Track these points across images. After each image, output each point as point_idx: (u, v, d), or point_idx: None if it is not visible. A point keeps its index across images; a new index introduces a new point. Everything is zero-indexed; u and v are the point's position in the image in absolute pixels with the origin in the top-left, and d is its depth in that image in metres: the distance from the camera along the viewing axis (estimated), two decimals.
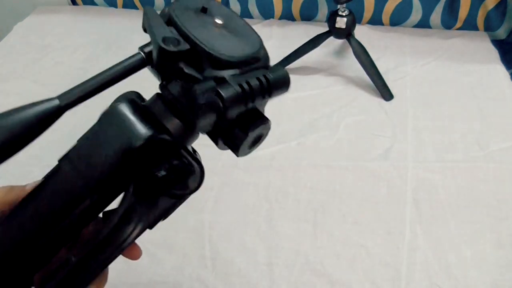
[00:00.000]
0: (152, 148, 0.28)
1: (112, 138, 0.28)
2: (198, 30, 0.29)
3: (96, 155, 0.28)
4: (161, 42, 0.27)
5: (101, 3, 1.27)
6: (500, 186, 0.71)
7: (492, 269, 0.61)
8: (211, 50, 0.28)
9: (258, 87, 0.28)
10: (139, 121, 0.28)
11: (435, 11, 1.04)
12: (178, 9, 0.30)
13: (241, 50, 0.29)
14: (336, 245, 0.65)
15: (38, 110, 0.26)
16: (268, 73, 0.29)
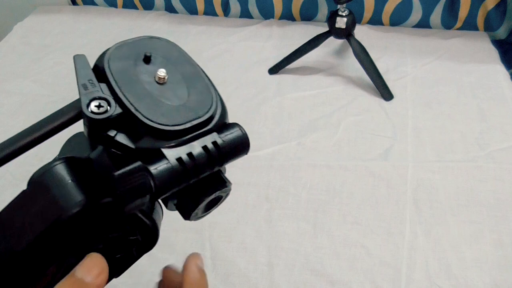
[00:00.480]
0: (91, 215, 0.23)
1: (43, 206, 0.23)
2: (134, 89, 0.24)
3: (25, 223, 0.23)
4: (85, 107, 0.23)
5: (101, 3, 1.27)
6: (500, 186, 0.71)
7: (492, 269, 0.61)
8: (145, 119, 0.24)
9: (203, 158, 0.24)
10: (73, 186, 0.23)
11: (435, 11, 1.04)
12: (114, 60, 0.26)
13: (187, 114, 0.25)
14: (336, 245, 0.65)
15: None
16: (219, 137, 0.25)
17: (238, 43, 1.08)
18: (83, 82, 0.24)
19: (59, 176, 0.24)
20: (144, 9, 1.25)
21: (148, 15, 1.21)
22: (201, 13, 1.21)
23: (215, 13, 1.20)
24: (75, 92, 0.89)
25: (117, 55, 0.26)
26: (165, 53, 0.28)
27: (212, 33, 1.12)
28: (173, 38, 0.30)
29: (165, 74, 0.26)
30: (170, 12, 1.23)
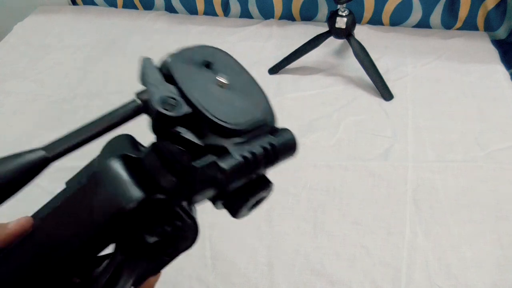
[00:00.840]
0: (144, 210, 0.25)
1: (102, 200, 0.25)
2: (200, 91, 0.26)
3: (82, 215, 0.25)
4: (157, 105, 0.25)
5: (101, 3, 1.27)
6: (500, 186, 0.71)
7: (492, 269, 0.61)
8: (214, 117, 0.26)
9: (262, 156, 0.27)
10: (131, 182, 0.25)
11: (435, 11, 1.04)
12: (179, 64, 0.28)
13: (246, 116, 0.27)
14: (336, 245, 0.65)
15: (23, 161, 0.25)
16: (274, 139, 0.28)
17: (238, 43, 1.08)
18: (153, 82, 0.26)
19: (117, 172, 0.25)
20: (144, 9, 1.25)
21: (148, 15, 1.21)
22: (201, 13, 1.21)
23: (215, 13, 1.20)
24: (75, 92, 0.89)
25: (180, 60, 0.28)
26: (222, 60, 0.30)
27: (212, 33, 1.12)
28: (173, 38, 0.30)
29: (226, 80, 0.28)
30: (170, 12, 1.23)
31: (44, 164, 0.25)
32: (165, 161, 0.26)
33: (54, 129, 0.89)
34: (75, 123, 0.29)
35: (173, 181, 0.26)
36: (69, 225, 0.26)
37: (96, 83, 1.01)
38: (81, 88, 1.00)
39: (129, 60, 1.06)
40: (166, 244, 0.27)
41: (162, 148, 0.26)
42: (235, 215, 0.28)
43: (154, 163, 0.26)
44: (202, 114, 0.25)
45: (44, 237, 0.27)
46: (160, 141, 0.27)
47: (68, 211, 0.26)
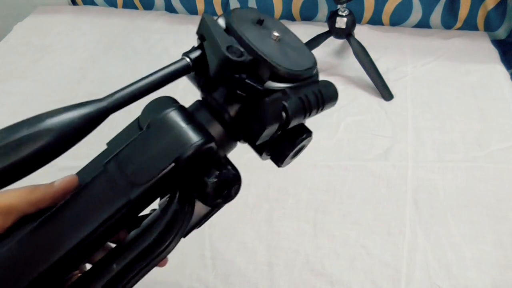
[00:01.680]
0: (202, 155, 0.28)
1: (164, 145, 0.27)
2: (259, 41, 0.29)
3: (146, 161, 0.27)
4: (225, 51, 0.27)
5: (101, 3, 1.27)
6: (500, 186, 0.71)
7: (492, 269, 0.61)
8: (274, 63, 0.28)
9: (314, 101, 0.30)
10: (190, 129, 0.28)
11: (435, 11, 1.04)
12: (237, 19, 0.30)
13: (299, 65, 0.30)
14: (336, 245, 0.65)
15: (86, 111, 0.26)
16: (321, 88, 0.31)
17: None
18: (217, 34, 0.28)
19: (176, 120, 0.28)
20: (144, 9, 1.25)
21: (148, 15, 1.21)
22: (201, 13, 1.21)
23: (215, 13, 1.20)
24: (75, 92, 0.89)
25: (238, 17, 0.31)
26: (270, 20, 0.33)
27: None
28: (173, 38, 0.31)
29: (279, 34, 0.31)
30: (170, 12, 1.23)
31: (104, 114, 0.27)
32: (214, 113, 0.30)
33: None
34: None
35: (222, 131, 0.30)
36: (132, 171, 0.27)
37: (96, 83, 1.01)
38: (81, 88, 1.00)
39: (129, 60, 1.06)
40: (223, 186, 0.29)
41: (211, 100, 0.30)
42: (281, 162, 0.32)
43: (205, 116, 0.30)
44: (264, 60, 0.28)
45: (108, 183, 0.28)
46: (207, 93, 0.30)
47: (130, 158, 0.28)
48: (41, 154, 0.25)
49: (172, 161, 0.27)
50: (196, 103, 0.32)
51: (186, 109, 0.30)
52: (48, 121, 0.25)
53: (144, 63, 1.05)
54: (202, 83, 0.31)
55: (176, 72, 0.29)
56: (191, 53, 0.29)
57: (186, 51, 0.30)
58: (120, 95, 0.27)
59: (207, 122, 0.30)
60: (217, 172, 0.28)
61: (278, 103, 0.28)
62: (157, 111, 0.29)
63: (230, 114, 0.30)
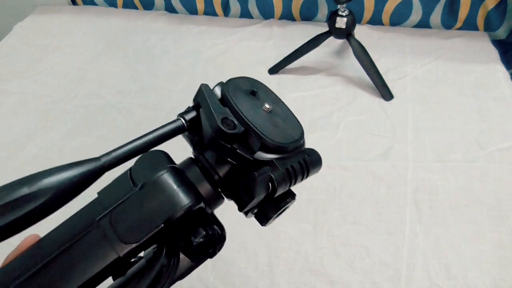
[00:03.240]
0: (191, 216, 0.29)
1: (156, 207, 0.29)
2: (251, 113, 0.31)
3: (137, 221, 0.29)
4: (220, 124, 0.29)
5: (101, 3, 1.27)
6: (500, 186, 0.71)
7: (492, 269, 0.61)
8: (264, 136, 0.30)
9: (299, 170, 0.32)
10: (181, 191, 0.29)
11: (435, 11, 1.04)
12: (232, 90, 0.32)
13: (288, 137, 0.32)
14: (336, 245, 0.65)
15: (82, 170, 0.28)
16: (307, 156, 0.33)
17: (238, 43, 1.08)
18: (213, 105, 0.30)
19: (169, 182, 0.29)
20: (144, 9, 1.25)
21: (148, 15, 1.21)
22: (201, 13, 1.21)
23: (215, 13, 1.20)
24: (75, 92, 0.89)
25: (233, 88, 0.33)
26: (263, 90, 0.35)
27: (212, 33, 1.12)
28: (173, 38, 0.31)
29: (270, 106, 0.33)
30: (170, 12, 1.23)
31: (100, 172, 0.29)
32: (204, 172, 0.32)
33: (54, 129, 0.89)
34: (75, 123, 0.30)
35: (210, 189, 0.32)
36: (124, 230, 0.29)
37: (96, 83, 1.01)
38: (81, 88, 1.00)
39: (129, 60, 1.07)
40: (208, 245, 0.30)
41: (202, 160, 0.32)
42: (265, 223, 0.33)
43: (195, 174, 0.32)
44: (256, 133, 0.30)
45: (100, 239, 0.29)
46: (199, 152, 0.32)
47: (123, 218, 0.29)
48: (39, 212, 0.27)
49: (163, 222, 0.28)
50: (188, 161, 0.33)
51: (177, 170, 0.31)
52: (46, 180, 0.27)
53: (144, 63, 1.05)
54: (195, 142, 0.33)
55: (172, 131, 0.31)
56: (186, 115, 0.32)
57: (181, 112, 0.32)
58: (117, 154, 0.29)
59: (197, 180, 0.32)
60: (203, 232, 0.30)
61: (266, 176, 0.29)
62: (150, 169, 0.30)
63: (219, 175, 0.32)
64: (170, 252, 0.30)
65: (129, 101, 0.95)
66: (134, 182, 0.30)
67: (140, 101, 0.95)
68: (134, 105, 0.94)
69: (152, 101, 0.95)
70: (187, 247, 0.30)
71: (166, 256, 0.30)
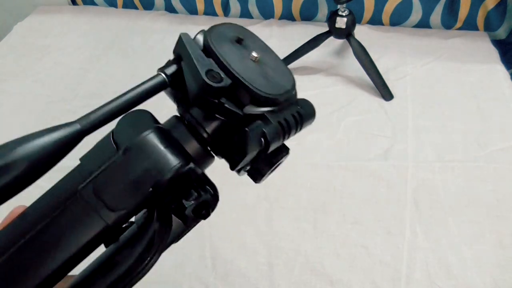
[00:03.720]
0: (180, 178, 0.27)
1: (142, 171, 0.27)
2: (238, 64, 0.29)
3: (124, 187, 0.27)
4: (205, 77, 0.27)
5: (101, 3, 1.27)
6: (500, 186, 0.71)
7: (492, 269, 0.61)
8: (254, 88, 0.28)
9: (293, 123, 0.30)
10: (169, 152, 0.27)
11: (435, 11, 1.04)
12: (215, 38, 0.30)
13: (279, 87, 0.30)
14: (336, 245, 0.65)
15: (58, 135, 0.25)
16: (300, 108, 0.31)
17: None
18: (196, 56, 0.28)
19: (155, 143, 0.28)
20: (144, 9, 1.25)
21: (148, 15, 1.21)
22: (201, 13, 1.21)
23: (215, 13, 1.20)
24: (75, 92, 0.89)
25: (216, 36, 0.30)
26: (250, 37, 0.33)
27: None
28: (173, 38, 0.31)
29: (258, 55, 0.30)
30: (170, 12, 1.23)
31: (78, 137, 0.26)
32: (191, 130, 0.30)
33: None
34: None
35: (198, 147, 0.30)
36: (110, 197, 0.27)
37: (96, 83, 1.01)
38: (81, 88, 1.00)
39: (129, 60, 1.06)
40: (201, 207, 0.29)
41: (188, 117, 0.30)
42: (259, 180, 0.32)
43: (181, 133, 0.30)
44: (245, 85, 0.28)
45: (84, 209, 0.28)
46: (185, 109, 0.30)
47: (107, 185, 0.27)
48: (13, 185, 0.24)
49: (151, 186, 0.27)
50: (173, 119, 0.31)
51: (163, 130, 0.29)
52: (18, 150, 0.24)
53: (144, 63, 1.05)
54: (179, 98, 0.31)
55: (153, 89, 0.28)
56: (167, 69, 0.29)
57: (161, 67, 0.29)
58: (95, 116, 0.27)
59: (184, 139, 0.30)
60: (195, 194, 0.28)
61: (258, 131, 0.28)
62: (134, 130, 0.29)
63: (208, 132, 0.30)
64: (162, 216, 0.29)
65: None
66: (118, 145, 0.29)
67: None
68: None
69: (152, 101, 0.94)
70: (179, 209, 0.28)
71: (158, 221, 0.28)
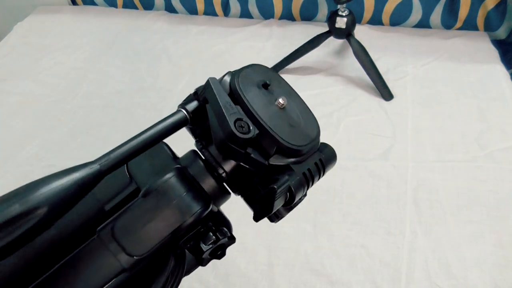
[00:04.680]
0: (200, 221, 0.28)
1: (163, 216, 0.27)
2: (265, 112, 0.28)
3: (144, 232, 0.27)
4: (233, 127, 0.26)
5: (101, 3, 1.27)
6: (500, 186, 0.71)
7: (492, 269, 0.61)
8: (281, 139, 0.28)
9: (316, 172, 0.30)
10: (190, 196, 0.27)
11: (435, 11, 1.04)
12: (243, 83, 0.29)
13: (304, 138, 0.29)
14: (336, 245, 0.65)
15: (79, 177, 0.25)
16: (321, 154, 0.30)
17: (238, 43, 1.08)
18: (224, 104, 0.27)
19: (175, 188, 0.27)
20: (144, 9, 1.25)
21: (148, 15, 1.21)
22: (201, 13, 1.21)
23: (215, 13, 1.20)
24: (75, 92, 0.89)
25: (244, 80, 0.29)
26: (276, 81, 0.31)
27: (212, 33, 1.12)
28: (173, 38, 0.31)
29: (284, 102, 0.29)
30: (170, 12, 1.22)
31: (98, 179, 0.25)
32: (207, 166, 0.30)
33: (54, 129, 0.89)
34: (75, 123, 0.29)
35: (214, 184, 0.30)
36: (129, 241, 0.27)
37: (96, 83, 1.01)
38: (81, 88, 1.00)
39: (129, 60, 1.06)
40: (217, 249, 0.29)
41: (206, 154, 0.30)
42: (277, 221, 0.33)
43: (198, 169, 0.30)
44: (272, 136, 0.27)
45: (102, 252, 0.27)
46: (203, 145, 0.30)
47: (127, 228, 0.27)
48: (34, 231, 0.24)
49: (172, 231, 0.27)
50: (191, 155, 0.31)
51: (183, 171, 0.29)
52: (40, 192, 0.24)
53: (144, 63, 1.05)
54: (198, 133, 0.31)
55: (174, 125, 0.28)
56: (188, 105, 0.29)
57: (182, 103, 0.29)
58: (115, 156, 0.26)
59: (202, 177, 0.30)
60: (213, 238, 0.29)
61: (285, 187, 0.27)
62: (152, 167, 0.29)
63: (225, 170, 0.30)
64: (178, 256, 0.29)
65: (129, 101, 0.95)
66: (132, 176, 0.29)
67: (140, 101, 0.95)
68: (134, 105, 0.94)
69: (152, 101, 0.95)
70: (196, 251, 0.28)
71: (173, 261, 0.29)
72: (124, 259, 0.27)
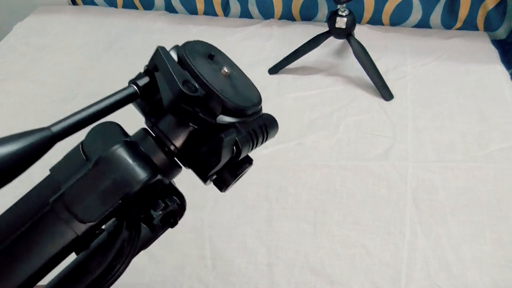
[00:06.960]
0: (148, 189, 0.29)
1: (111, 184, 0.28)
2: (211, 77, 0.31)
3: (94, 199, 0.28)
4: (181, 86, 0.28)
5: (101, 3, 1.27)
6: (500, 186, 0.71)
7: (492, 269, 0.61)
8: (226, 99, 0.30)
9: (260, 133, 0.32)
10: (137, 165, 0.29)
11: (435, 11, 1.04)
12: (190, 52, 0.31)
13: (247, 101, 0.32)
14: (336, 245, 0.65)
15: (31, 141, 0.25)
16: (265, 120, 0.33)
17: (238, 43, 1.08)
18: (173, 67, 0.29)
19: (123, 157, 0.29)
20: (144, 9, 1.25)
21: (148, 15, 1.21)
22: (201, 13, 1.21)
23: (215, 13, 1.20)
24: (75, 92, 0.89)
25: (190, 50, 0.32)
26: (219, 54, 0.35)
27: (212, 33, 1.12)
28: (173, 38, 0.31)
29: (228, 70, 0.33)
30: (170, 12, 1.23)
31: (50, 143, 0.26)
32: (158, 142, 0.31)
33: None
34: None
35: (165, 159, 0.31)
36: (80, 210, 0.28)
37: (96, 83, 1.01)
38: (81, 88, 1.00)
39: (129, 60, 1.06)
40: (168, 216, 0.30)
41: (156, 130, 0.31)
42: (225, 189, 0.33)
43: (149, 145, 0.31)
44: (217, 96, 0.30)
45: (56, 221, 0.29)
46: (153, 122, 0.32)
47: (77, 197, 0.28)
48: None
49: (120, 198, 0.28)
50: (141, 132, 0.32)
51: (131, 143, 0.30)
52: None
53: (144, 63, 1.05)
54: (148, 111, 0.32)
55: (124, 99, 0.29)
56: (139, 81, 0.30)
57: (133, 78, 0.31)
58: (66, 123, 0.27)
59: (152, 152, 0.31)
60: (162, 205, 0.29)
61: (232, 138, 0.29)
62: (103, 143, 0.30)
63: (175, 144, 0.31)
64: (130, 225, 0.30)
65: None
66: (87, 156, 0.30)
67: None
68: None
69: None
70: (148, 219, 0.29)
71: (127, 230, 0.29)
72: (77, 226, 0.28)
